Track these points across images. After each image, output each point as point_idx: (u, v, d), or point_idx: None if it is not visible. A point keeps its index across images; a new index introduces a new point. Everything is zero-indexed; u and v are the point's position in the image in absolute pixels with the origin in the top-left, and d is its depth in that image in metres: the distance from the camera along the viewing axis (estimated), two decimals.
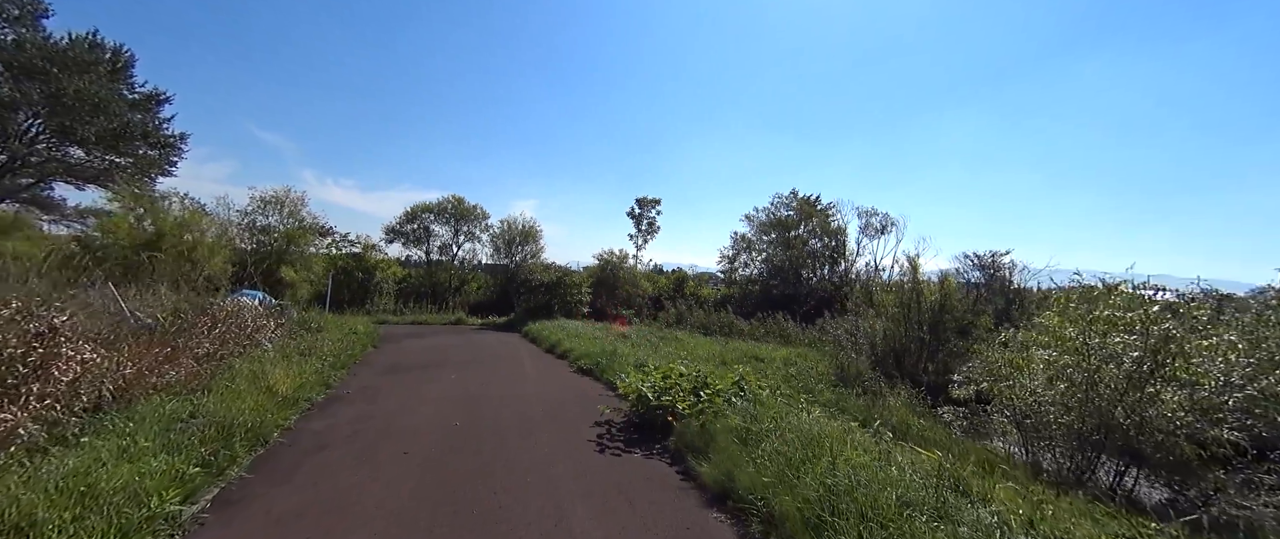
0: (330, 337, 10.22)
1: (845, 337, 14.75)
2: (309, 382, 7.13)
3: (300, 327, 10.49)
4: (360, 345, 10.62)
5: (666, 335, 16.58)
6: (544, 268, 20.19)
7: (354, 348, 10.01)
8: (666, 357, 12.98)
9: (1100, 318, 6.98)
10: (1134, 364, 6.56)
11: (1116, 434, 6.61)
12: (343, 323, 12.50)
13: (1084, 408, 6.78)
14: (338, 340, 9.98)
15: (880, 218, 24.84)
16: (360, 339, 10.97)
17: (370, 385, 7.95)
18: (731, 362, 13.72)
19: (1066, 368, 7.08)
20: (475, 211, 29.35)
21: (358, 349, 10.12)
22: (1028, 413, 7.35)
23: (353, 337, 10.72)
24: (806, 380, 12.02)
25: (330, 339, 9.97)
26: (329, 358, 8.67)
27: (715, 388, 6.38)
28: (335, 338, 10.19)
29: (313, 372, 7.55)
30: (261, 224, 26.56)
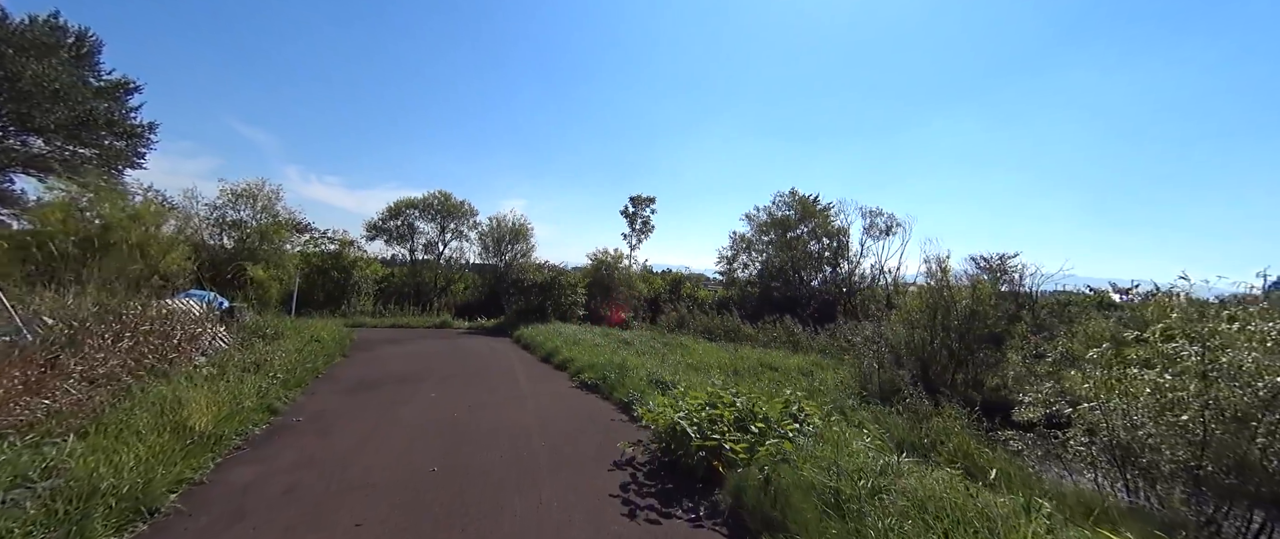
0: (289, 345, 8.55)
1: (865, 344, 13.43)
2: (247, 408, 5.51)
3: (254, 334, 8.81)
4: (326, 355, 8.96)
5: (670, 341, 15.12)
6: (537, 267, 18.61)
7: (317, 358, 8.36)
8: (675, 366, 11.51)
9: (1226, 333, 5.66)
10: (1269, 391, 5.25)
11: (1254, 476, 5.30)
12: (309, 328, 10.79)
13: (1209, 443, 5.47)
14: (297, 349, 8.32)
15: (885, 218, 23.70)
16: (326, 347, 9.30)
17: (328, 409, 6.34)
18: (745, 371, 12.32)
19: (1183, 395, 5.76)
20: (463, 208, 27.60)
21: (321, 360, 8.46)
22: (1130, 446, 6.04)
23: (316, 345, 9.05)
24: (832, 394, 10.67)
25: (288, 348, 8.32)
26: (282, 373, 7.03)
27: (763, 414, 4.93)
28: (295, 347, 8.53)
29: (253, 393, 5.92)
30: (232, 219, 24.65)
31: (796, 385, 11.10)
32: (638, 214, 35.25)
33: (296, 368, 7.46)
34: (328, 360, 8.88)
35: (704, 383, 8.18)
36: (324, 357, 8.75)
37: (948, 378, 12.53)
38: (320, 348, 8.97)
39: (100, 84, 26.34)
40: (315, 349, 8.75)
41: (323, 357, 8.68)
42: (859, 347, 13.52)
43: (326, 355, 8.95)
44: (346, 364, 9.40)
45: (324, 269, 18.51)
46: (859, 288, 23.90)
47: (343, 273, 18.45)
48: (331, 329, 11.42)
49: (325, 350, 9.13)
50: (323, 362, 8.51)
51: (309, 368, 7.80)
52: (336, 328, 11.98)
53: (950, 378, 12.54)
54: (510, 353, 12.17)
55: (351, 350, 11.05)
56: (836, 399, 10.17)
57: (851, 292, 23.85)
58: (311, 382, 7.61)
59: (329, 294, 18.26)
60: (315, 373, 8.04)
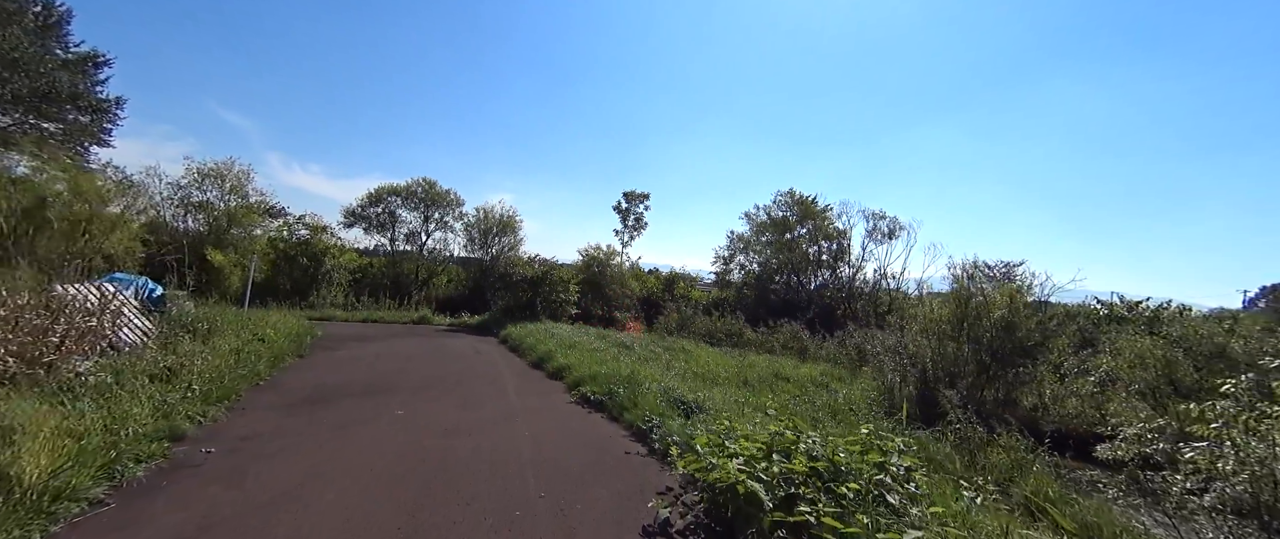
0: (226, 343, 6.87)
1: (886, 356, 12.16)
2: (132, 436, 3.91)
3: (183, 328, 7.09)
4: (272, 356, 7.28)
5: (671, 345, 13.69)
6: (527, 261, 16.99)
7: (258, 361, 6.69)
8: (682, 374, 10.09)
9: None
10: None
11: None
12: (260, 322, 9.07)
13: None
14: (234, 350, 6.65)
15: (888, 221, 22.61)
16: (274, 347, 7.61)
17: (256, 435, 4.73)
18: (756, 381, 10.96)
19: None
20: (448, 197, 25.80)
21: (264, 364, 6.79)
22: None
23: (260, 344, 7.35)
24: (861, 413, 9.37)
25: (223, 348, 6.64)
26: (203, 382, 5.39)
27: (846, 464, 3.52)
28: (233, 345, 6.85)
29: (149, 414, 4.30)
30: (199, 200, 22.56)
31: (815, 400, 9.80)
32: (630, 210, 33.79)
33: (226, 374, 5.80)
34: (274, 363, 7.20)
35: (724, 399, 6.78)
36: (269, 358, 7.07)
37: (976, 395, 11.29)
38: (265, 348, 7.28)
39: (67, 56, 24.09)
40: (258, 350, 7.06)
41: (267, 358, 7.00)
42: (879, 358, 12.26)
43: (273, 357, 7.27)
44: (300, 368, 7.73)
45: (291, 256, 16.60)
46: (861, 292, 22.77)
47: (313, 261, 16.56)
48: (288, 324, 9.69)
49: (273, 350, 7.44)
50: (267, 365, 6.84)
51: (245, 374, 6.13)
52: (296, 322, 10.24)
53: (979, 395, 11.30)
54: (496, 356, 10.58)
55: (311, 349, 9.36)
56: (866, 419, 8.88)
57: (853, 296, 22.71)
58: (247, 392, 5.96)
59: (296, 284, 16.37)
60: (255, 380, 6.38)
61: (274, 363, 7.23)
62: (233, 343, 6.91)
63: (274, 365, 7.20)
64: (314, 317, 14.39)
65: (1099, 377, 10.92)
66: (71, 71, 23.63)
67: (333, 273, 16.87)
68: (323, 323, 13.69)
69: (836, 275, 23.78)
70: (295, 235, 17.76)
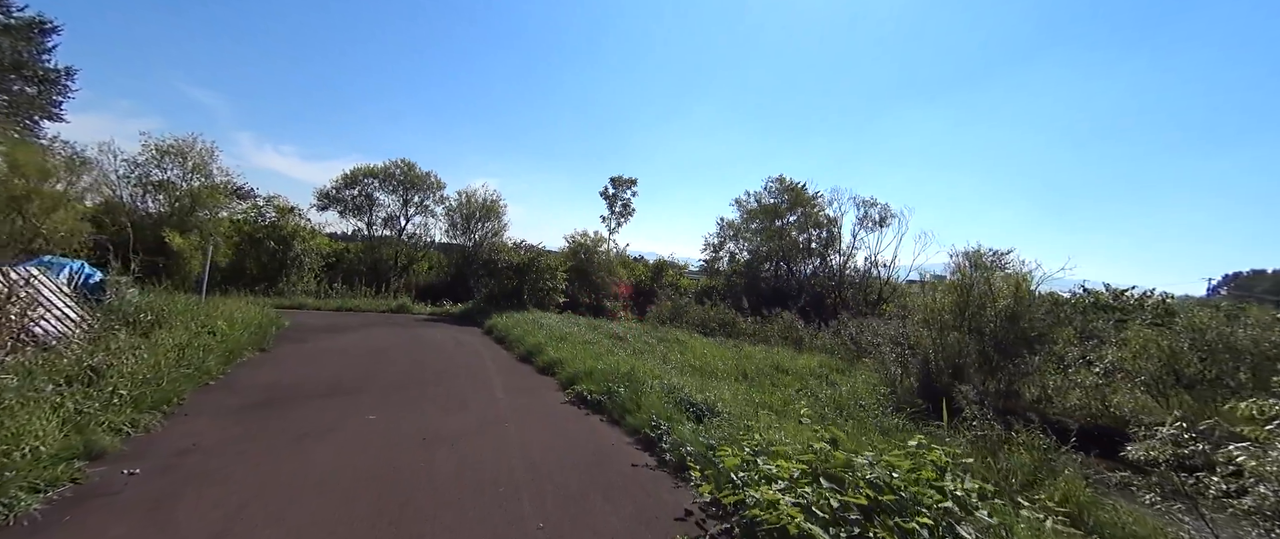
0: (171, 337, 5.99)
1: (887, 346, 11.74)
2: (32, 456, 3.11)
3: (122, 320, 6.18)
4: (225, 352, 6.41)
5: (665, 336, 13.07)
6: (512, 247, 16.12)
7: (206, 357, 5.83)
8: (680, 368, 9.49)
9: None
10: None
11: None
12: (217, 312, 8.13)
13: None
14: (178, 345, 5.77)
15: (880, 208, 22.23)
16: (229, 340, 6.72)
17: (195, 450, 3.95)
18: (755, 374, 10.43)
19: None
20: (428, 180, 24.58)
21: (214, 360, 5.92)
22: None
23: (210, 338, 6.46)
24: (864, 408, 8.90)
25: (167, 343, 5.76)
26: (138, 384, 4.56)
27: (906, 488, 2.94)
28: (179, 339, 5.97)
29: (56, 427, 3.50)
30: (159, 179, 21.04)
31: (818, 394, 9.32)
32: (618, 196, 33.00)
33: (166, 374, 4.95)
34: (229, 359, 6.34)
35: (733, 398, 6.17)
36: (222, 353, 6.20)
37: (978, 386, 10.93)
38: (217, 342, 6.39)
39: (9, 22, 22.10)
40: (209, 343, 6.18)
41: (220, 353, 6.13)
42: (879, 349, 11.84)
43: (228, 351, 6.39)
44: (260, 364, 6.88)
45: (257, 239, 15.43)
46: (852, 281, 22.46)
47: (281, 245, 15.42)
48: (250, 314, 8.76)
49: (228, 344, 6.56)
50: (218, 361, 5.97)
51: (190, 373, 5.28)
52: (259, 312, 9.31)
53: (981, 386, 10.94)
54: (481, 348, 9.82)
55: (276, 342, 8.47)
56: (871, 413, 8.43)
57: (843, 284, 22.39)
58: (192, 395, 5.13)
59: (264, 269, 15.24)
60: (203, 380, 5.53)
61: (228, 358, 6.37)
62: (180, 336, 6.02)
63: (228, 361, 6.35)
64: (282, 305, 13.37)
65: (1104, 367, 10.69)
66: (14, 37, 21.78)
67: (303, 258, 15.76)
68: (293, 312, 12.70)
69: (826, 263, 23.43)
70: (262, 217, 16.56)
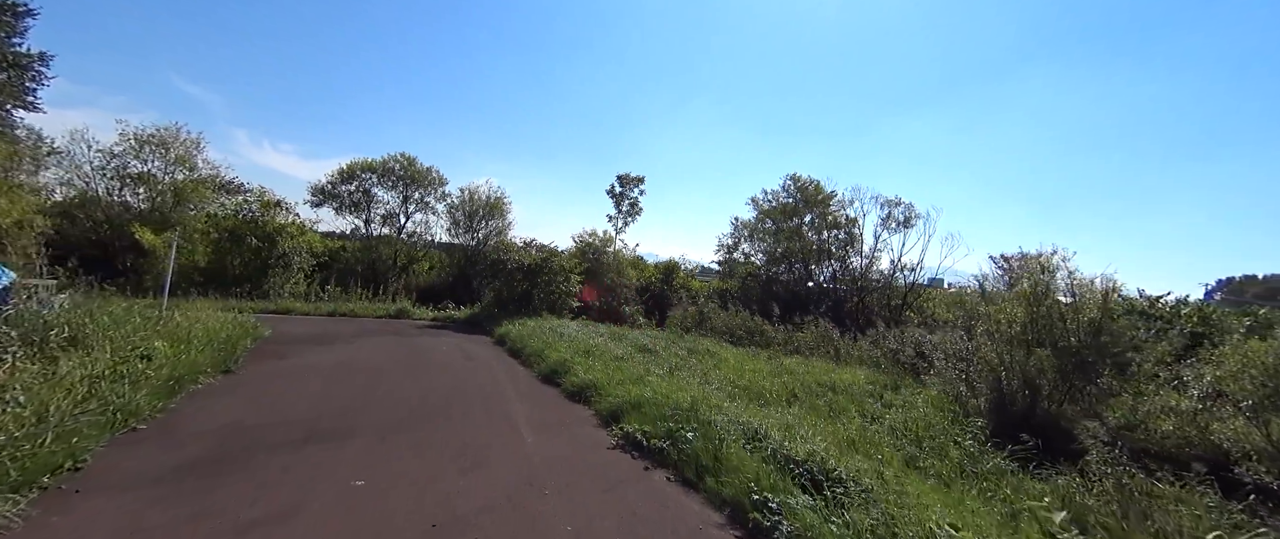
0: (86, 366, 4.38)
1: (945, 361, 10.25)
2: None
3: (22, 339, 4.56)
4: (169, 379, 4.81)
5: (692, 346, 11.54)
6: (523, 247, 14.53)
7: (135, 393, 4.22)
8: (729, 390, 7.96)
9: None
10: None
11: None
12: (173, 324, 6.51)
13: None
14: (90, 376, 4.17)
15: (903, 208, 20.77)
16: (171, 367, 5.09)
17: None
18: (802, 392, 8.94)
19: None
20: (429, 176, 22.97)
21: (145, 395, 4.31)
22: None
23: (142, 366, 4.81)
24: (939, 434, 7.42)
25: (78, 374, 4.16)
26: (7, 444, 2.98)
27: None
28: (95, 369, 4.36)
29: None
30: (137, 171, 19.25)
31: (887, 421, 7.85)
32: (625, 195, 31.44)
33: (60, 424, 3.36)
34: (171, 390, 4.71)
35: (834, 447, 4.62)
36: (159, 384, 4.58)
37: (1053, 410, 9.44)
38: (153, 368, 4.77)
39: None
40: (137, 372, 4.56)
41: (154, 385, 4.51)
42: (929, 363, 10.36)
43: (169, 381, 4.76)
44: (217, 393, 5.27)
45: (239, 236, 13.73)
46: (875, 285, 21.00)
47: (265, 242, 13.74)
48: (215, 324, 7.15)
49: (171, 370, 4.94)
50: (150, 395, 4.36)
51: (100, 419, 3.69)
52: (228, 322, 7.68)
53: (1058, 409, 9.44)
54: (494, 364, 8.23)
55: (247, 360, 6.85)
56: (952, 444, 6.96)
57: (866, 289, 20.93)
58: (103, 449, 3.55)
59: (246, 270, 13.56)
60: (125, 422, 3.94)
61: (173, 388, 4.75)
62: (100, 362, 4.41)
63: (172, 392, 4.73)
64: (266, 310, 11.73)
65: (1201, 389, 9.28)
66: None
67: (290, 257, 14.07)
68: (278, 319, 11.06)
69: (847, 266, 21.95)
70: (242, 211, 14.86)
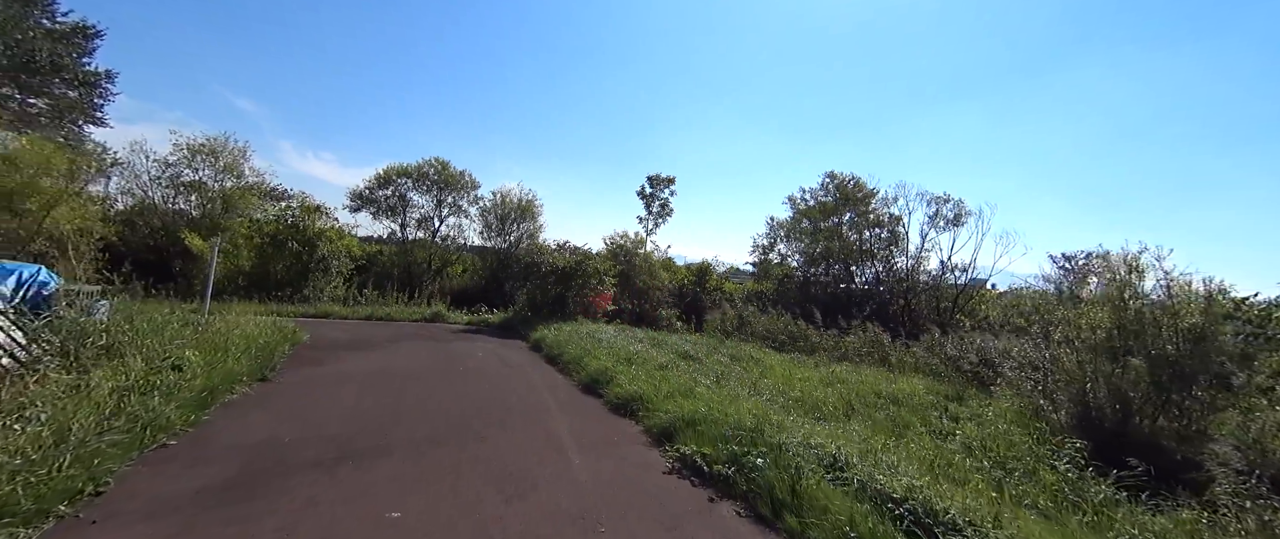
0: (116, 377, 4.17)
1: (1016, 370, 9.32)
2: None
3: (59, 349, 4.39)
4: (203, 390, 4.57)
5: (735, 352, 10.94)
6: (556, 249, 14.22)
7: (166, 405, 3.97)
8: (782, 401, 7.35)
9: None
10: None
11: None
12: (213, 330, 6.37)
13: None
14: (122, 389, 3.95)
15: (953, 205, 19.51)
16: (204, 377, 4.87)
17: None
18: (858, 402, 8.24)
19: None
20: (463, 179, 23.04)
21: (176, 408, 4.06)
22: None
23: (174, 377, 4.57)
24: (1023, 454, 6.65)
25: (108, 387, 3.94)
26: (24, 467, 2.71)
27: None
28: (125, 381, 4.15)
29: None
30: (190, 180, 19.93)
31: (953, 434, 7.10)
32: (655, 196, 30.87)
33: (83, 443, 3.09)
34: (203, 402, 4.47)
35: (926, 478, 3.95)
36: (192, 396, 4.34)
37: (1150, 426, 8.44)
38: (185, 379, 4.54)
39: (53, 27, 21.58)
40: (168, 383, 4.33)
41: (187, 396, 4.27)
42: (1013, 376, 9.42)
43: (202, 392, 4.53)
44: (251, 405, 5.03)
45: (280, 241, 13.89)
46: (924, 287, 19.83)
47: (305, 247, 13.86)
48: (255, 330, 7.01)
49: (204, 380, 4.72)
50: (182, 408, 4.10)
51: (127, 435, 3.42)
52: (268, 327, 7.56)
53: (1151, 426, 8.43)
54: (531, 371, 7.86)
55: (285, 366, 6.67)
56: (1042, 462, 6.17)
57: (912, 291, 19.79)
58: (129, 469, 3.28)
59: (287, 274, 13.69)
60: (155, 439, 3.68)
61: (205, 400, 4.51)
62: (133, 372, 4.20)
63: (205, 404, 4.49)
64: (306, 314, 11.74)
65: None
66: (55, 42, 21.18)
67: (330, 261, 14.16)
68: (317, 322, 11.04)
69: (891, 267, 20.83)
70: (282, 216, 15.06)
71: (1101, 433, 8.11)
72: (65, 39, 21.69)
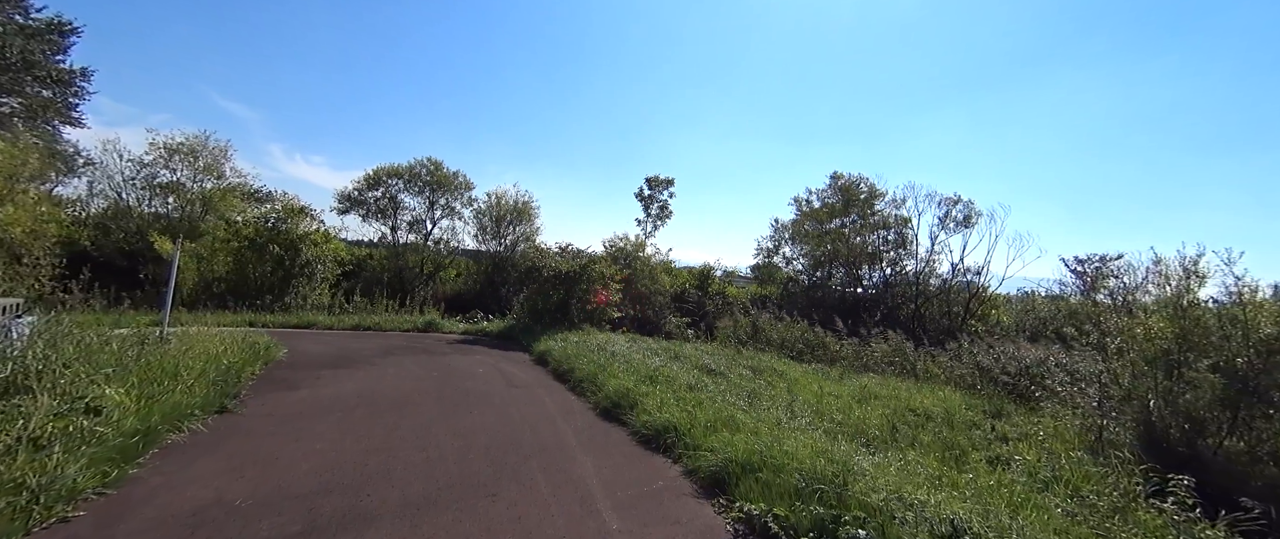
0: (18, 419, 3.13)
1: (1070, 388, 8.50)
2: None
3: None
4: (131, 436, 3.54)
5: (756, 364, 10.03)
6: (558, 253, 13.23)
7: (67, 465, 2.95)
8: (824, 425, 6.46)
9: None
10: None
11: None
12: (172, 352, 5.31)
13: None
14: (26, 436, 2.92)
15: (963, 207, 18.82)
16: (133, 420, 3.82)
17: None
18: (903, 425, 7.37)
19: None
20: (456, 180, 21.97)
21: (81, 469, 3.03)
22: None
23: (86, 424, 3.49)
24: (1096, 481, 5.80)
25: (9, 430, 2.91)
26: None
27: None
28: (38, 422, 3.11)
29: None
30: (168, 181, 18.68)
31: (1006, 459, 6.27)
32: (654, 197, 29.90)
33: None
34: (133, 452, 3.45)
35: None
36: (111, 449, 3.31)
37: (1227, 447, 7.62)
38: (103, 425, 3.48)
39: (26, 23, 20.17)
40: (79, 431, 3.28)
41: (108, 448, 3.25)
42: (1065, 390, 8.60)
43: (130, 438, 3.51)
44: (200, 448, 4.00)
45: (260, 244, 12.72)
46: (935, 292, 19.11)
47: (288, 251, 12.70)
48: (217, 349, 5.94)
49: (134, 423, 3.68)
50: (90, 471, 3.08)
51: (9, 512, 2.41)
52: (237, 343, 6.49)
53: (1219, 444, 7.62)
54: (541, 392, 6.85)
55: (255, 388, 5.62)
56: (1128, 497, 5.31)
57: (922, 296, 19.05)
58: None
59: (269, 280, 12.53)
60: (43, 517, 2.66)
61: (134, 447, 3.47)
62: (39, 414, 3.15)
63: (133, 452, 3.45)
64: (287, 325, 10.63)
65: None
66: (27, 38, 19.79)
67: (314, 266, 13.02)
68: (298, 334, 9.93)
69: (900, 270, 20.10)
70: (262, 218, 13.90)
71: (1173, 456, 7.27)
72: (39, 36, 20.31)
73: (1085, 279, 19.51)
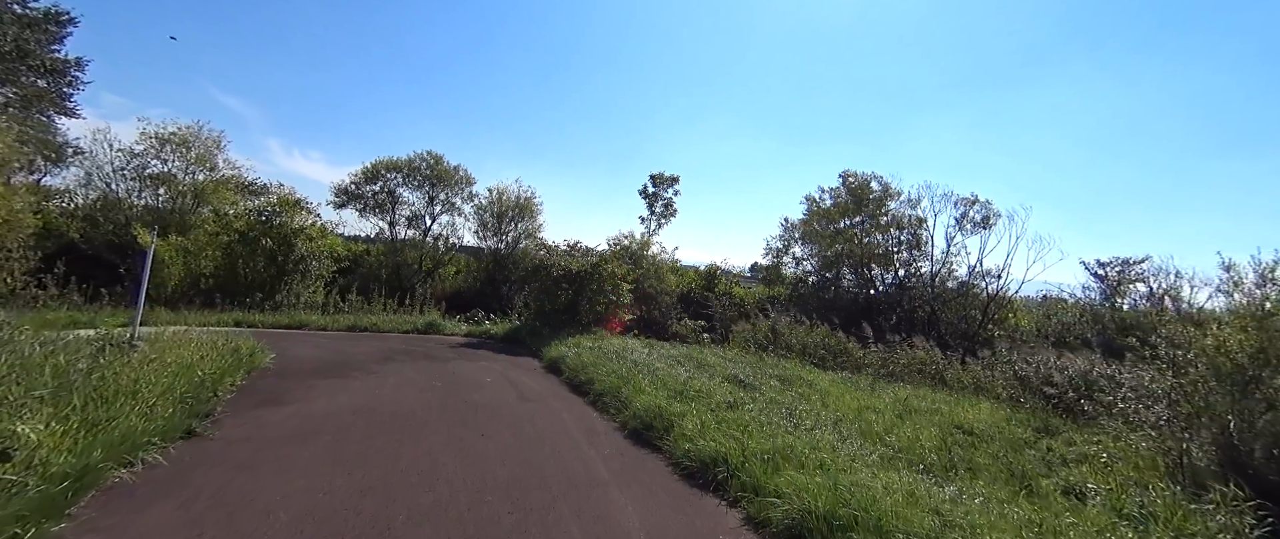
0: None
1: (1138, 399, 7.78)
2: None
3: None
4: (64, 479, 2.75)
5: (782, 372, 9.28)
6: (566, 251, 12.42)
7: None
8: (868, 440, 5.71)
9: None
10: None
11: None
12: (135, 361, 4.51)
13: None
14: None
15: (981, 207, 18.09)
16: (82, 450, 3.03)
17: None
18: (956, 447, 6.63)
19: None
20: (457, 175, 21.11)
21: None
22: None
23: (3, 469, 2.71)
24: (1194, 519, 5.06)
25: None
26: None
27: None
28: None
29: None
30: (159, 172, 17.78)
31: (1082, 489, 5.54)
32: (659, 195, 29.16)
33: None
34: (59, 504, 2.67)
35: None
36: (28, 502, 2.53)
37: None
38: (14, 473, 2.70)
39: (23, 12, 19.21)
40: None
41: (18, 507, 2.46)
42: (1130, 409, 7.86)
43: (57, 487, 2.72)
44: (156, 487, 3.20)
45: (251, 238, 11.83)
46: (952, 295, 18.40)
47: (281, 245, 11.83)
48: (191, 357, 5.12)
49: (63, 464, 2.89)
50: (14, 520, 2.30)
51: None
52: (219, 348, 5.69)
53: None
54: (557, 406, 6.07)
55: (233, 403, 4.83)
56: None
57: (939, 299, 18.34)
58: None
59: (260, 277, 11.66)
60: None
61: (61, 495, 2.69)
62: None
63: (60, 503, 2.66)
64: (278, 325, 9.81)
65: None
66: (23, 28, 18.84)
67: (308, 262, 12.15)
68: (289, 336, 9.10)
69: (915, 272, 19.39)
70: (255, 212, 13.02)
71: (1262, 483, 6.52)
72: (35, 25, 19.38)
73: (1108, 283, 18.90)
